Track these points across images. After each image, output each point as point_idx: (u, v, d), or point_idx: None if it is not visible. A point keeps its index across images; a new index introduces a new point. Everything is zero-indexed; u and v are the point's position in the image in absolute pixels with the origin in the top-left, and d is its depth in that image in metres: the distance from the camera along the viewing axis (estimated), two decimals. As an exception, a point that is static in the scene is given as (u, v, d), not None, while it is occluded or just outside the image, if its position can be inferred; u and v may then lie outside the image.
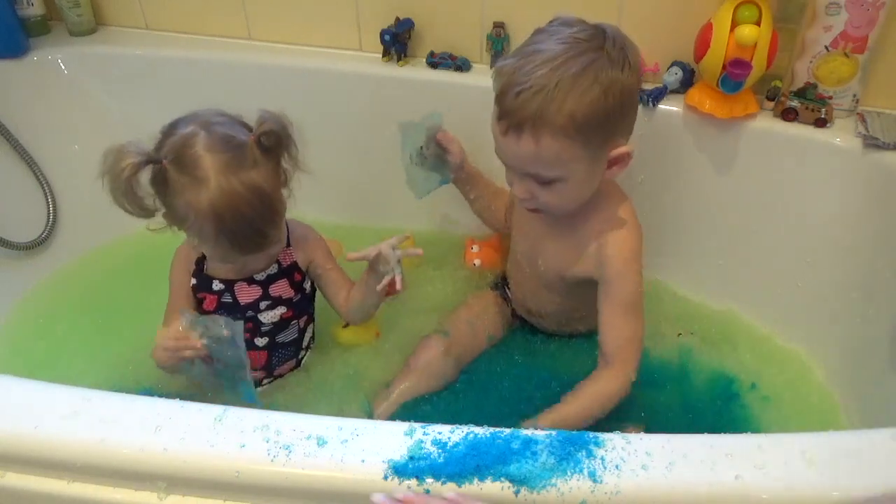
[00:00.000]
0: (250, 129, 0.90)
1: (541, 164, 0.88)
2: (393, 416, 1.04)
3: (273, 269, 1.01)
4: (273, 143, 0.88)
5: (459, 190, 1.20)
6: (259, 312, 1.02)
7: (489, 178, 1.20)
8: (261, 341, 1.03)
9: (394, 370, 1.11)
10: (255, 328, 1.02)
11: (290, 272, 1.02)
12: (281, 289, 1.02)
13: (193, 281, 1.02)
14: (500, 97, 0.87)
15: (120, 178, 0.83)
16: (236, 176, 0.84)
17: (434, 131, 1.12)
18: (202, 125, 0.87)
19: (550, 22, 0.91)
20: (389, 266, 0.97)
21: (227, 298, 1.01)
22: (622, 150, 0.90)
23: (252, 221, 0.86)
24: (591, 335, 1.10)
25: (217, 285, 1.00)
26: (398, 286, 0.97)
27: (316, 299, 1.11)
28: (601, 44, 0.85)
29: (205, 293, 1.01)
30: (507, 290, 1.21)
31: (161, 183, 0.87)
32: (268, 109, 0.89)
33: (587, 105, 0.83)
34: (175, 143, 0.86)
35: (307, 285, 1.07)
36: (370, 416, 1.04)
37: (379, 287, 0.98)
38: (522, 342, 1.18)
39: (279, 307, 1.02)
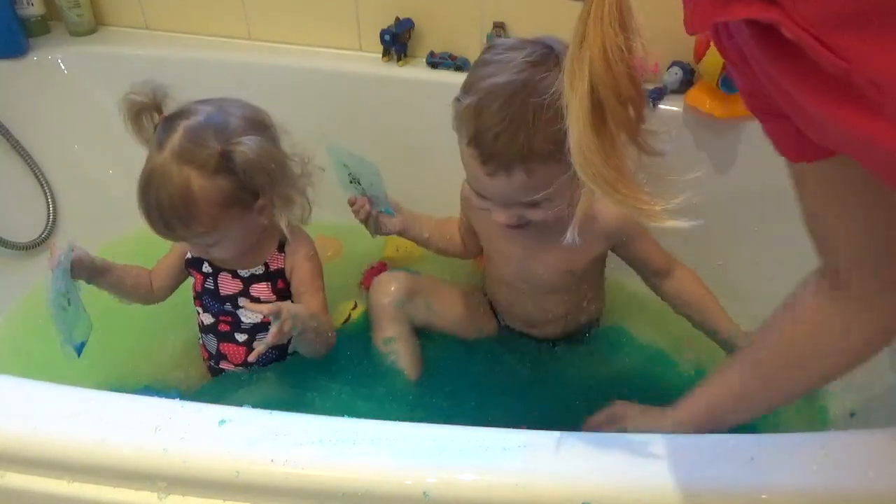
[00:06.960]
0: (265, 132, 0.92)
1: (532, 191, 0.86)
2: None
3: (259, 269, 1.01)
4: (237, 166, 0.88)
5: (412, 239, 1.14)
6: (238, 308, 1.02)
7: (426, 215, 1.14)
8: (240, 336, 1.04)
9: (395, 373, 1.11)
10: (235, 323, 1.03)
11: (275, 277, 1.02)
12: (261, 291, 1.02)
13: (189, 255, 1.04)
14: (478, 141, 0.84)
15: (130, 108, 0.93)
16: (179, 165, 0.87)
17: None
18: (211, 113, 0.90)
19: (489, 50, 0.90)
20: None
21: (210, 285, 1.03)
22: None
23: (163, 209, 0.88)
24: (582, 327, 1.16)
25: (206, 267, 1.03)
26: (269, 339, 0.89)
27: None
28: (556, 61, 0.83)
29: (195, 270, 1.04)
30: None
31: (154, 128, 0.93)
32: (262, 141, 0.90)
33: None
34: (185, 107, 0.92)
35: None
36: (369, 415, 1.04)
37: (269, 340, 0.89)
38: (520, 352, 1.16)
39: None
